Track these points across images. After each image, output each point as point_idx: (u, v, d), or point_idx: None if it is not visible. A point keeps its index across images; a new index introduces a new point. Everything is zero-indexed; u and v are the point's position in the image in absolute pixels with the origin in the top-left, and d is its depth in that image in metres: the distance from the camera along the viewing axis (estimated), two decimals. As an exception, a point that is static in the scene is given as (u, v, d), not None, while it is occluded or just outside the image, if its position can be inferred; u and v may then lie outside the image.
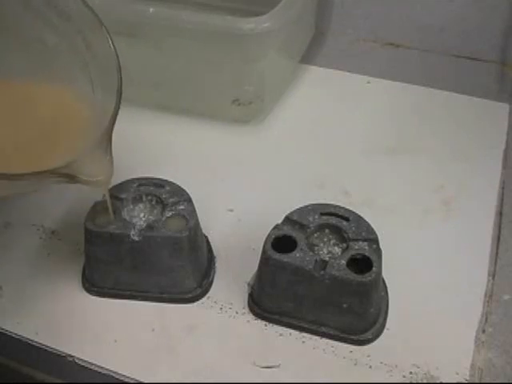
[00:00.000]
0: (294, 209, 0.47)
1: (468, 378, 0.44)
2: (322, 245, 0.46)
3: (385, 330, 0.46)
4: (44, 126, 0.48)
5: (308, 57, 0.74)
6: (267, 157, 0.62)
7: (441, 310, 0.48)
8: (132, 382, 0.44)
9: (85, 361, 0.45)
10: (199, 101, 0.66)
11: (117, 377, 0.44)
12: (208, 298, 0.49)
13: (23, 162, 0.45)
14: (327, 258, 0.44)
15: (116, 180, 0.49)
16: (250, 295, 0.48)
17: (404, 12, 0.71)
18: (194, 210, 0.48)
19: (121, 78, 0.45)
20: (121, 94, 0.45)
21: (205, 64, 0.62)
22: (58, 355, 0.46)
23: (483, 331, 0.47)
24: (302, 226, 0.46)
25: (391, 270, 0.47)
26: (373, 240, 0.45)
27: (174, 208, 0.47)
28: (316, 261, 0.44)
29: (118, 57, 0.45)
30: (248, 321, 0.48)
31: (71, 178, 0.42)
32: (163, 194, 0.48)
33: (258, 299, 0.47)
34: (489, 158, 0.61)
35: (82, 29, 0.47)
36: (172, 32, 0.59)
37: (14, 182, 0.38)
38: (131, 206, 0.48)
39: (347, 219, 0.46)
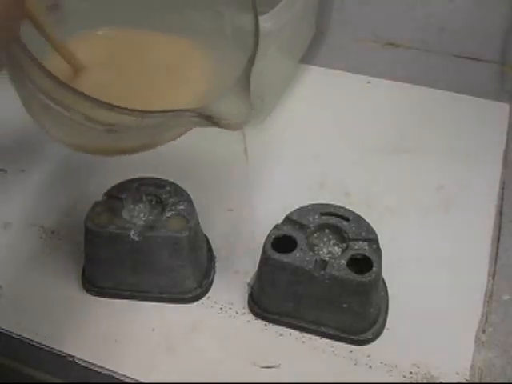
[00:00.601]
0: (294, 209, 0.47)
1: (468, 378, 0.44)
2: (321, 245, 0.46)
3: (385, 330, 0.46)
4: (168, 70, 0.47)
5: (308, 57, 0.73)
6: (267, 157, 0.62)
7: (441, 310, 0.48)
8: (132, 381, 0.44)
9: (85, 361, 0.45)
10: (199, 101, 0.66)
11: (117, 377, 0.44)
12: (208, 298, 0.49)
13: (148, 104, 0.44)
14: (327, 258, 0.44)
15: (116, 180, 0.49)
16: (250, 295, 0.48)
17: (404, 12, 0.71)
18: (194, 210, 0.47)
19: (256, 16, 0.42)
20: (258, 30, 0.42)
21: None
22: (58, 355, 0.46)
23: (483, 331, 0.47)
24: (302, 226, 0.46)
25: (391, 270, 0.47)
26: (373, 240, 0.45)
27: (173, 208, 0.47)
28: (316, 261, 0.44)
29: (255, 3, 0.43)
30: (248, 321, 0.48)
31: (208, 119, 0.40)
32: (163, 194, 0.48)
33: (258, 299, 0.47)
34: (489, 158, 0.61)
35: None
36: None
37: (148, 122, 0.37)
38: (131, 206, 0.48)
39: (347, 219, 0.46)
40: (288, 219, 0.46)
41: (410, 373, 0.44)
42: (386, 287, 0.48)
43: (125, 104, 0.42)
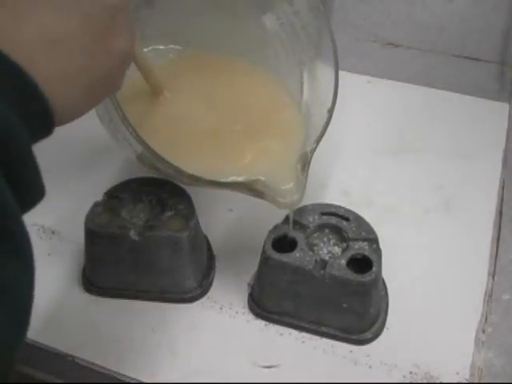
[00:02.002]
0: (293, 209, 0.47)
1: (468, 378, 0.44)
2: (321, 245, 0.46)
3: (385, 330, 0.46)
4: (250, 119, 0.47)
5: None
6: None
7: (441, 310, 0.48)
8: (132, 381, 0.44)
9: (85, 361, 0.45)
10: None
11: (117, 377, 0.44)
12: (208, 298, 0.49)
13: (217, 154, 0.44)
14: (327, 258, 0.44)
15: (116, 180, 0.49)
16: (250, 295, 0.48)
17: (404, 12, 0.71)
18: (194, 210, 0.47)
19: (336, 93, 0.43)
20: (332, 113, 0.43)
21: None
22: (58, 355, 0.46)
23: (483, 331, 0.47)
24: (302, 226, 0.46)
25: (391, 270, 0.47)
26: (373, 240, 0.45)
27: (173, 208, 0.47)
28: (316, 261, 0.44)
29: (337, 72, 0.43)
30: (248, 321, 0.48)
31: (259, 194, 0.41)
32: (163, 194, 0.48)
33: (258, 299, 0.47)
34: (489, 158, 0.61)
35: (306, 25, 0.45)
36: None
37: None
38: (131, 206, 0.48)
39: (347, 219, 0.46)
40: (288, 219, 0.46)
41: (410, 373, 0.44)
42: (385, 287, 0.48)
43: (215, 146, 0.44)
